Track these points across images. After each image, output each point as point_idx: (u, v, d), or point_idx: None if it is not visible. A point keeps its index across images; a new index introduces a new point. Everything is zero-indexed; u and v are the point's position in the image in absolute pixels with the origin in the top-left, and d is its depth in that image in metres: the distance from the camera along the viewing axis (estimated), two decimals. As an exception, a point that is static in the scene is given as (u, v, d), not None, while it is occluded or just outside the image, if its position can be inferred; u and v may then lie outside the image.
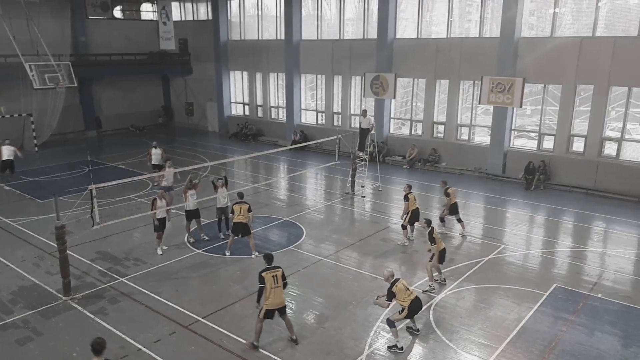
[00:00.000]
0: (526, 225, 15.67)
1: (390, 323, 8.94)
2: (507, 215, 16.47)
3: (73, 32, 28.83)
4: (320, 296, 10.86)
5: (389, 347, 8.99)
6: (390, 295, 8.88)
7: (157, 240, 13.09)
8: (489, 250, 13.22)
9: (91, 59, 29.67)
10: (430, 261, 11.15)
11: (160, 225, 13.00)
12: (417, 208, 13.70)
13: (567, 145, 19.20)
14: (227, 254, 12.85)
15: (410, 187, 13.86)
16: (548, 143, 19.75)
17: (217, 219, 14.09)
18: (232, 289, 11.19)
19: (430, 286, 11.09)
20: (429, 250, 11.19)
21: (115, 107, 31.94)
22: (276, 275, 8.79)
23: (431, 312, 10.12)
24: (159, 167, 17.73)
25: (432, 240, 11.01)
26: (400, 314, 8.93)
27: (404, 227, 13.67)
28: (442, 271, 11.60)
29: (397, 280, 8.96)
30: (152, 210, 12.88)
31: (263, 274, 8.77)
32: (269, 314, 8.82)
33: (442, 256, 11.12)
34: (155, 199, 12.91)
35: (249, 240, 12.84)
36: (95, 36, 30.27)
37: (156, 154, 18.21)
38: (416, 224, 13.67)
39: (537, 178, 19.07)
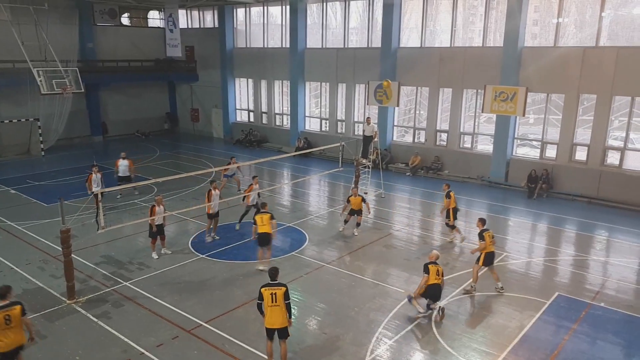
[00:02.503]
0: (528, 234, 15.61)
1: (410, 298, 10.18)
2: (509, 223, 16.41)
3: (81, 38, 29.07)
4: (323, 302, 10.83)
5: (415, 317, 10.04)
6: (425, 270, 10.00)
7: (151, 245, 13.12)
8: (492, 258, 13.14)
9: (98, 65, 29.89)
10: (477, 263, 11.23)
11: (156, 232, 12.96)
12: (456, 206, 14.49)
13: (570, 154, 19.16)
14: (261, 267, 12.17)
15: (449, 185, 14.72)
16: (551, 152, 19.72)
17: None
18: (235, 293, 11.17)
19: (472, 287, 11.28)
20: (473, 252, 11.83)
21: (122, 113, 32.12)
22: (275, 294, 8.02)
23: (433, 319, 10.07)
24: (126, 179, 17.39)
25: (482, 238, 11.08)
26: (417, 293, 10.05)
27: (450, 226, 14.30)
28: (444, 278, 11.56)
29: (435, 263, 10.11)
30: (150, 216, 12.80)
31: (262, 290, 8.14)
32: (268, 333, 8.26)
33: (487, 259, 11.12)
34: (153, 206, 12.90)
35: (267, 251, 12.38)
36: (102, 43, 30.50)
37: (123, 165, 17.93)
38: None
39: (539, 186, 19.01)
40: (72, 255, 10.79)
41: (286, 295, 8.10)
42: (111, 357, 8.83)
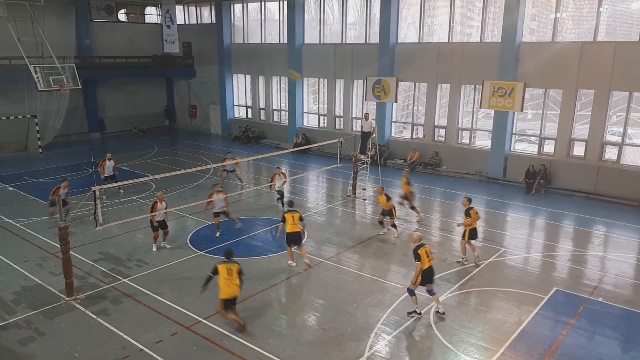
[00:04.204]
0: (527, 229, 15.64)
1: (411, 292, 9.97)
2: (507, 219, 16.43)
3: (77, 34, 28.97)
4: (321, 298, 10.85)
5: (409, 313, 9.97)
6: (417, 257, 9.80)
7: (153, 238, 13.31)
8: (490, 254, 13.18)
9: (95, 62, 29.79)
10: (463, 239, 12.38)
11: (158, 227, 13.13)
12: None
13: (568, 150, 19.17)
14: (294, 264, 12.32)
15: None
16: (549, 147, 19.73)
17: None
18: (234, 290, 11.16)
19: (463, 258, 12.43)
20: (458, 225, 12.71)
21: (119, 109, 32.05)
22: (231, 269, 9.31)
23: (431, 315, 10.09)
24: (110, 178, 17.82)
25: (468, 216, 12.18)
26: (414, 283, 9.86)
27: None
28: (443, 274, 11.60)
29: (422, 245, 9.93)
30: (151, 212, 12.90)
31: (218, 265, 9.36)
32: (225, 304, 9.35)
33: (472, 234, 12.30)
34: (155, 202, 12.93)
35: (300, 250, 12.30)
36: (99, 39, 30.38)
37: (110, 166, 18.18)
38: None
39: (537, 182, 19.04)
40: (71, 252, 10.77)
41: (241, 271, 9.48)
42: (110, 354, 8.83)
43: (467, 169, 21.54)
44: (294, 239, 12.09)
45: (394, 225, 14.55)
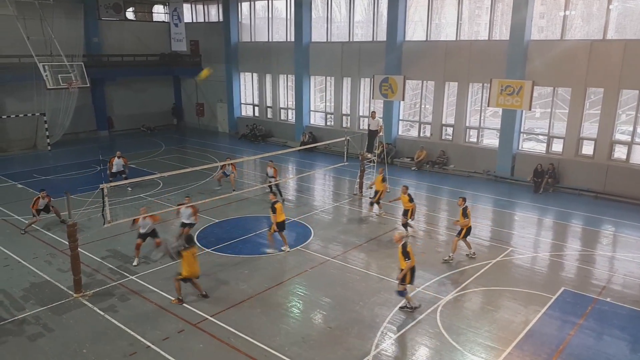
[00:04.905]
0: (534, 228, 15.57)
1: (402, 294, 9.99)
2: (515, 218, 16.36)
3: (86, 33, 29.13)
4: (328, 296, 10.86)
5: (401, 308, 10.09)
6: (407, 255, 9.80)
7: (137, 250, 12.58)
8: (497, 253, 13.14)
9: (104, 60, 29.96)
10: (457, 237, 12.51)
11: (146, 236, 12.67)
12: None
13: (577, 149, 19.04)
14: (287, 249, 13.26)
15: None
16: (557, 146, 19.60)
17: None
18: (240, 287, 11.22)
19: (450, 257, 12.50)
20: (455, 224, 12.79)
21: (127, 108, 32.20)
22: (195, 253, 10.49)
23: (438, 314, 10.07)
24: (120, 174, 18.52)
25: (465, 215, 12.31)
26: (403, 283, 9.88)
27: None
28: (450, 273, 11.57)
29: (406, 243, 9.94)
30: (133, 224, 12.47)
31: (183, 252, 10.29)
32: (186, 280, 10.53)
33: (467, 232, 12.54)
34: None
35: (282, 236, 13.30)
36: (107, 37, 30.54)
37: (119, 164, 18.67)
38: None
39: (545, 181, 18.92)
40: (79, 249, 10.85)
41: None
42: (118, 350, 8.90)
43: (475, 168, 21.46)
44: (284, 225, 13.19)
45: (407, 224, 14.39)
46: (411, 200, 14.14)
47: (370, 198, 16.20)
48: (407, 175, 21.51)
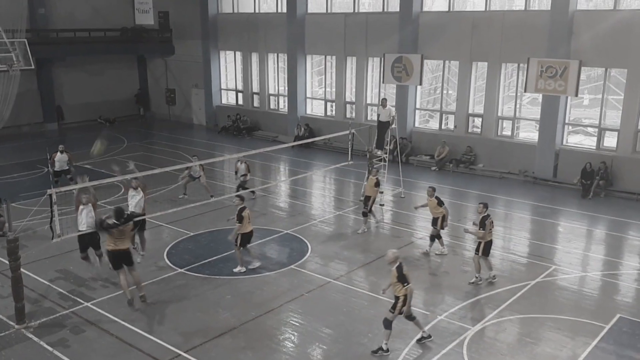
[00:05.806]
0: (583, 242, 15.61)
1: (388, 324, 9.75)
2: (559, 229, 16.41)
3: (30, 3, 29.10)
4: (329, 327, 10.85)
5: (373, 352, 9.80)
6: (406, 280, 9.60)
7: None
8: (537, 272, 13.16)
9: (52, 36, 29.99)
10: (476, 254, 12.43)
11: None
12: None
13: (634, 144, 19.10)
14: (242, 269, 13.14)
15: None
16: (610, 140, 19.67)
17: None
18: (221, 316, 11.20)
19: (477, 277, 12.46)
20: (465, 231, 12.95)
21: (81, 95, 32.21)
22: (123, 230, 11.34)
23: (465, 347, 10.08)
24: (65, 173, 18.61)
25: (483, 226, 12.17)
26: (394, 310, 9.71)
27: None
28: (479, 297, 11.55)
29: (402, 264, 9.81)
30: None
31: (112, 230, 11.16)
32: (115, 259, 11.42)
33: (487, 248, 12.37)
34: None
35: (249, 250, 13.27)
36: (56, 8, 30.59)
37: (62, 160, 18.74)
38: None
39: (596, 183, 18.97)
40: (21, 269, 10.82)
41: None
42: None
43: (509, 168, 21.51)
44: (250, 239, 13.12)
45: (436, 238, 14.11)
46: (440, 204, 14.01)
47: (364, 208, 15.86)
48: (426, 176, 21.55)
